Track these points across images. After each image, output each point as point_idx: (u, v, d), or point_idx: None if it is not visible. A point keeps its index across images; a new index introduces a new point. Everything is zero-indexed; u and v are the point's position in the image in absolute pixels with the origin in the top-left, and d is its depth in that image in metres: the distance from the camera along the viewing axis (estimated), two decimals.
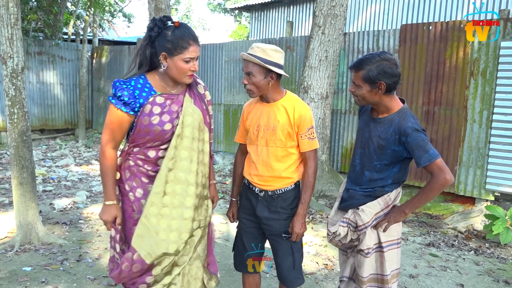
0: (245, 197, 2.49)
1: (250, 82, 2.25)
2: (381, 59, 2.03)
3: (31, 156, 3.90)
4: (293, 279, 2.44)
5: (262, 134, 2.33)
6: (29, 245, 3.87)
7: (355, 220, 2.20)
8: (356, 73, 2.09)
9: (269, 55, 2.22)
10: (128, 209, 2.03)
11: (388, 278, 2.18)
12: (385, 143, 2.10)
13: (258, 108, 2.39)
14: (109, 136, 1.96)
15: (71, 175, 6.94)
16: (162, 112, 1.93)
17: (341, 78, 6.46)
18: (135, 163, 2.00)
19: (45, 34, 10.79)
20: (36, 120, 10.42)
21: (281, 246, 2.41)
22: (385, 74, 2.02)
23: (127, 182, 2.02)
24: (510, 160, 4.92)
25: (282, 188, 2.36)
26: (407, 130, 2.02)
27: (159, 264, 1.94)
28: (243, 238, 2.51)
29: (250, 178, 2.43)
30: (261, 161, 2.35)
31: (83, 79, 10.62)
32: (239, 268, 2.59)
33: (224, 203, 5.73)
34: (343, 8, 5.61)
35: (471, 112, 5.19)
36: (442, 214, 5.41)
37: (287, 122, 2.29)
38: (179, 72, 1.94)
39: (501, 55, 4.92)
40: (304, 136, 2.31)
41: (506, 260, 4.12)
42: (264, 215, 2.38)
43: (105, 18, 16.41)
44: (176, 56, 1.90)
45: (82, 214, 4.99)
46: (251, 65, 2.23)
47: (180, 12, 31.86)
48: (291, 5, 11.73)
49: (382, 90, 2.05)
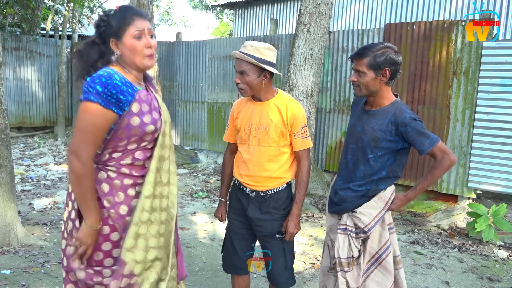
0: (235, 198, 2.45)
1: (243, 81, 2.20)
2: (385, 46, 2.08)
3: (9, 155, 3.77)
4: (284, 280, 2.41)
5: (254, 134, 2.30)
6: (8, 247, 3.73)
7: (354, 224, 2.18)
8: (360, 60, 2.09)
9: (263, 53, 2.19)
10: (105, 229, 1.70)
11: (398, 259, 2.26)
12: (380, 135, 2.11)
13: (249, 107, 2.35)
14: (91, 144, 1.62)
15: (50, 174, 6.76)
16: (150, 109, 1.75)
17: (326, 77, 6.46)
18: (118, 172, 1.70)
19: (22, 29, 10.50)
20: (14, 118, 10.13)
21: (272, 247, 2.38)
22: (390, 61, 2.06)
23: (106, 197, 1.69)
24: (491, 158, 5.01)
25: (274, 188, 2.33)
26: (405, 120, 2.06)
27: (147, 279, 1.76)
28: (232, 240, 2.47)
29: (240, 178, 2.39)
30: (253, 161, 2.31)
31: (62, 76, 10.37)
32: (228, 270, 2.55)
33: (208, 202, 5.67)
34: (328, 7, 5.61)
35: (454, 111, 5.25)
36: (426, 212, 5.47)
37: (280, 121, 2.26)
38: (133, 53, 1.72)
39: (483, 55, 5.00)
40: (298, 135, 2.29)
41: (489, 257, 4.19)
42: (256, 216, 2.35)
43: (84, 14, 16.10)
44: (124, 37, 1.71)
45: (63, 214, 4.85)
46: (245, 64, 2.18)
47: (161, 8, 31.51)
48: (275, 3, 11.71)
49: (386, 77, 2.08)
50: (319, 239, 4.46)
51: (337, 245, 2.19)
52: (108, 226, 1.70)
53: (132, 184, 1.73)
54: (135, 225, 1.69)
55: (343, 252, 2.18)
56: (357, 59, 2.11)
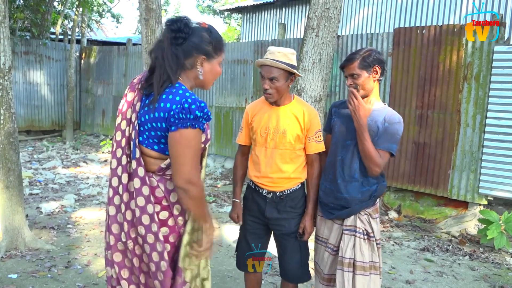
0: (251, 200, 2.52)
1: (272, 87, 2.30)
2: (369, 49, 2.26)
3: (18, 158, 3.78)
4: (300, 274, 2.51)
5: (272, 137, 2.38)
6: (15, 251, 3.73)
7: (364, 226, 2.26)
8: (351, 65, 2.24)
9: (290, 59, 2.31)
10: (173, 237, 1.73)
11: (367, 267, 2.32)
12: (374, 131, 2.23)
13: (265, 111, 2.42)
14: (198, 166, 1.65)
15: (58, 178, 6.78)
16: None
17: (334, 81, 6.42)
18: None
19: (32, 33, 10.59)
20: (22, 121, 10.21)
21: (290, 244, 2.47)
22: (378, 59, 2.23)
23: (175, 205, 1.71)
24: (503, 164, 4.92)
25: (290, 188, 2.43)
26: (393, 119, 2.22)
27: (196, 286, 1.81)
28: (247, 239, 2.55)
29: (257, 179, 2.46)
30: (270, 163, 2.39)
31: (71, 80, 10.43)
32: (242, 267, 2.63)
33: (216, 207, 5.64)
34: (337, 11, 5.56)
35: (465, 116, 5.18)
36: (436, 218, 5.39)
37: (297, 126, 2.36)
38: (213, 77, 1.78)
39: (494, 60, 4.93)
40: (312, 139, 2.39)
41: (501, 265, 4.11)
42: (274, 216, 2.44)
43: (93, 18, 16.22)
44: (215, 59, 1.75)
45: (70, 218, 4.86)
46: (276, 70, 2.28)
47: (169, 13, 31.71)
48: (283, 7, 11.70)
49: (378, 74, 2.24)
50: None
51: (342, 244, 2.27)
52: (175, 233, 1.73)
53: None
54: (189, 234, 1.73)
55: (345, 252, 2.24)
56: (348, 65, 2.24)
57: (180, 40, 1.66)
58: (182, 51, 1.67)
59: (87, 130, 11.18)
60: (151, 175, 1.70)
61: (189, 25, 1.70)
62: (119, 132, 1.75)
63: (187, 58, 1.69)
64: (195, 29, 1.70)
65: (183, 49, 1.68)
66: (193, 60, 1.70)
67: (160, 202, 1.70)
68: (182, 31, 1.66)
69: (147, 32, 5.75)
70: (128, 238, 1.73)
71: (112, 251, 1.77)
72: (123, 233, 1.74)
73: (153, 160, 1.70)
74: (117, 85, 10.28)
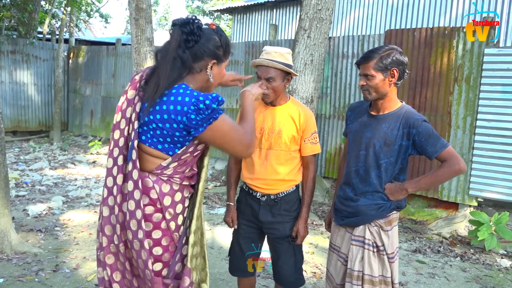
0: (244, 203, 2.48)
1: (269, 87, 2.26)
2: (390, 48, 2.07)
3: (4, 159, 3.69)
4: (294, 280, 2.45)
5: (266, 137, 2.35)
6: (1, 255, 3.63)
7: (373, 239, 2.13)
8: (366, 64, 2.08)
9: (286, 58, 2.28)
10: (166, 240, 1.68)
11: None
12: (393, 139, 2.08)
13: (260, 111, 2.39)
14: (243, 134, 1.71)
15: (45, 179, 6.65)
16: None
17: (326, 83, 6.42)
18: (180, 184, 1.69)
19: (19, 32, 10.41)
20: (9, 122, 10.02)
21: (284, 248, 2.43)
22: (397, 61, 2.05)
23: (168, 210, 1.66)
24: (493, 166, 4.96)
25: (284, 191, 2.39)
26: (416, 122, 2.04)
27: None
28: (240, 243, 2.49)
29: (250, 182, 2.41)
30: (265, 164, 2.35)
31: (58, 80, 10.27)
32: (235, 273, 2.57)
33: (207, 209, 5.59)
34: (329, 12, 5.56)
35: (455, 118, 5.21)
36: (426, 219, 5.41)
37: (293, 126, 2.33)
38: (220, 80, 1.76)
39: (484, 62, 4.97)
40: (307, 141, 2.36)
41: (492, 266, 4.13)
42: (268, 220, 2.40)
43: (82, 18, 16.04)
44: (224, 63, 1.73)
45: (58, 220, 4.76)
46: (273, 70, 2.25)
47: (158, 14, 31.53)
48: (274, 8, 11.69)
49: (394, 78, 2.06)
50: (320, 247, 4.39)
51: (350, 256, 2.15)
52: (168, 237, 1.69)
53: (188, 195, 1.75)
54: (194, 234, 1.70)
55: (354, 265, 2.13)
56: (364, 63, 2.09)
57: (192, 43, 1.62)
58: (192, 54, 1.64)
59: (75, 131, 11.02)
60: (147, 175, 1.65)
61: (202, 28, 1.65)
62: (117, 131, 1.68)
63: (196, 61, 1.65)
64: (205, 32, 1.67)
65: (194, 52, 1.64)
66: (203, 64, 1.67)
67: (154, 204, 1.65)
68: (195, 34, 1.62)
69: (137, 32, 5.68)
70: (120, 241, 1.69)
71: (104, 253, 1.73)
72: (116, 235, 1.69)
73: (154, 159, 1.66)
74: (106, 85, 10.16)
